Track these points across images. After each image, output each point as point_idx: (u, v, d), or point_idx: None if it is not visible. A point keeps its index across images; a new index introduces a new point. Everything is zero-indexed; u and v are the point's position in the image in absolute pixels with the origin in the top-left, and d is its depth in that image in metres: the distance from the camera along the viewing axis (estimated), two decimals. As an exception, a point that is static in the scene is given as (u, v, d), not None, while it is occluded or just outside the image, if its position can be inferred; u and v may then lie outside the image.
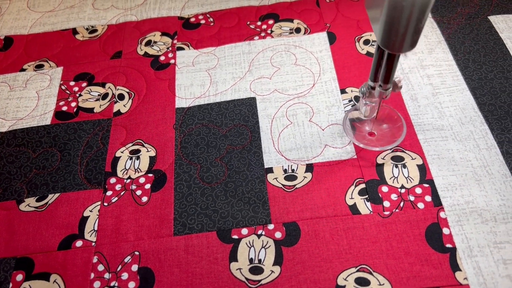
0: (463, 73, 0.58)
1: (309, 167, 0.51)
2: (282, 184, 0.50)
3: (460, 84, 0.56)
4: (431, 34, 0.63)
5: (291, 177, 0.50)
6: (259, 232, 0.47)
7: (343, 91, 0.57)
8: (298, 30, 0.65)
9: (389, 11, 0.34)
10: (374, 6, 0.37)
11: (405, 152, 0.51)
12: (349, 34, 0.63)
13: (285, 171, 0.51)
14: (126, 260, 0.46)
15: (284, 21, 0.66)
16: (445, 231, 0.45)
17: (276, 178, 0.50)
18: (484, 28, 0.63)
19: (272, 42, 0.64)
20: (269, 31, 0.65)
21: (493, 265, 0.43)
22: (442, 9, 0.66)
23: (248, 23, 0.67)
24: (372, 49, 0.61)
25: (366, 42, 0.62)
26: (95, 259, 0.46)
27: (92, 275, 0.45)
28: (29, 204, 0.50)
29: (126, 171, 0.52)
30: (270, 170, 0.51)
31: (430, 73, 0.58)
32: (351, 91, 0.57)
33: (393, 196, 0.48)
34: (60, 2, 0.73)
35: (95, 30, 0.68)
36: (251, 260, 0.45)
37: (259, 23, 0.66)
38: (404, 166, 0.50)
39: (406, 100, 0.55)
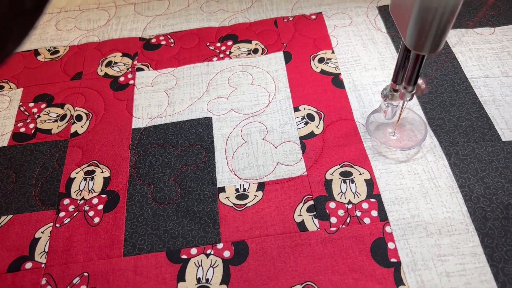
0: (414, 88, 0.59)
1: (261, 186, 0.52)
2: (233, 203, 0.50)
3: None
4: (385, 51, 0.64)
5: (242, 196, 0.51)
6: (208, 251, 0.47)
7: (296, 109, 0.58)
8: (256, 51, 0.66)
9: (420, 13, 0.35)
10: (401, 10, 0.37)
11: (353, 167, 0.52)
12: (304, 53, 0.65)
13: (237, 190, 0.51)
14: (74, 281, 0.46)
15: (243, 42, 0.67)
16: (390, 245, 0.46)
17: (227, 197, 0.51)
18: (437, 44, 0.64)
19: (230, 63, 0.65)
20: (227, 52, 0.66)
21: (436, 278, 0.44)
22: (397, 26, 0.67)
23: (207, 44, 0.68)
24: (327, 67, 0.62)
25: (321, 60, 0.63)
26: (43, 281, 0.46)
27: (40, 298, 0.45)
28: (-19, 227, 0.51)
29: (80, 192, 0.53)
30: (222, 189, 0.52)
31: (382, 89, 0.59)
32: (304, 108, 0.58)
33: (340, 212, 0.48)
34: (24, 25, 0.74)
35: (57, 51, 0.69)
36: (198, 280, 0.45)
37: (218, 44, 0.68)
38: (352, 181, 0.51)
39: (356, 117, 0.56)
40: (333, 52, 0.64)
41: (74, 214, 0.51)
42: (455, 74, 0.60)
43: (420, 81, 0.45)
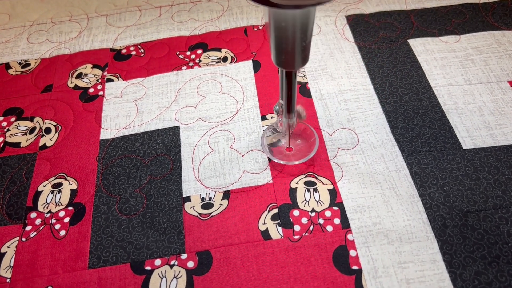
0: (379, 96, 0.60)
1: (226, 194, 0.52)
2: (198, 213, 0.51)
3: (376, 108, 0.58)
4: (351, 59, 0.65)
5: (207, 205, 0.51)
6: (172, 262, 0.48)
7: (263, 118, 0.59)
8: (225, 59, 0.67)
9: (274, 32, 0.36)
10: (267, 27, 0.38)
11: (317, 179, 0.52)
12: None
13: (202, 199, 0.52)
14: (38, 295, 0.46)
15: (212, 51, 0.68)
16: (352, 253, 0.47)
17: (193, 207, 0.51)
18: (403, 51, 0.65)
19: (200, 71, 0.65)
20: (197, 61, 0.67)
21: (396, 285, 0.44)
22: (365, 33, 0.68)
23: (177, 53, 0.68)
24: (295, 76, 0.63)
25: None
26: (7, 296, 0.46)
27: (4, 312, 0.45)
28: None
29: (47, 205, 0.53)
30: (187, 199, 0.52)
31: (348, 98, 0.60)
32: (271, 117, 0.59)
33: (304, 220, 0.49)
34: (-5, 37, 0.74)
35: (28, 64, 0.69)
36: (162, 291, 0.46)
37: (188, 53, 0.68)
38: (316, 190, 0.51)
39: (322, 126, 0.57)
40: (301, 61, 0.65)
41: (41, 228, 0.51)
42: (420, 82, 0.61)
43: (299, 108, 0.47)
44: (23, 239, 0.50)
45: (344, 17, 0.72)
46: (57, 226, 0.51)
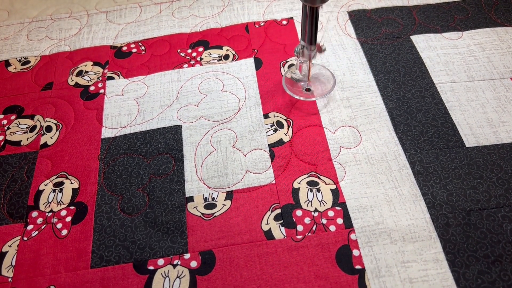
0: (382, 93, 0.59)
1: (229, 195, 0.52)
2: (201, 213, 0.51)
3: (378, 105, 0.58)
4: (354, 56, 0.64)
5: (210, 205, 0.51)
6: (175, 262, 0.47)
7: (266, 116, 0.58)
8: (226, 57, 0.66)
9: None
10: None
11: (320, 178, 0.52)
12: (275, 59, 0.65)
13: (205, 199, 0.52)
14: (41, 295, 0.46)
15: (214, 48, 0.68)
16: (355, 252, 0.47)
17: (196, 207, 0.51)
18: (405, 47, 0.65)
19: (201, 69, 0.65)
20: (198, 59, 0.66)
21: (399, 284, 0.44)
22: (367, 30, 0.68)
23: (178, 50, 0.68)
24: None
25: (291, 66, 0.64)
26: (10, 296, 0.46)
27: (7, 312, 0.45)
28: None
29: (48, 204, 0.53)
30: (190, 199, 0.52)
31: (350, 95, 0.60)
32: (274, 116, 0.58)
33: (306, 220, 0.49)
34: (-6, 34, 0.73)
35: (28, 62, 0.69)
36: (165, 291, 0.46)
37: (189, 50, 0.68)
38: (319, 190, 0.51)
39: (324, 123, 0.57)
40: (303, 58, 0.65)
41: (42, 227, 0.51)
42: (423, 79, 0.61)
43: (320, 42, 0.52)
44: (25, 238, 0.50)
45: (346, 13, 0.71)
46: (59, 225, 0.51)
